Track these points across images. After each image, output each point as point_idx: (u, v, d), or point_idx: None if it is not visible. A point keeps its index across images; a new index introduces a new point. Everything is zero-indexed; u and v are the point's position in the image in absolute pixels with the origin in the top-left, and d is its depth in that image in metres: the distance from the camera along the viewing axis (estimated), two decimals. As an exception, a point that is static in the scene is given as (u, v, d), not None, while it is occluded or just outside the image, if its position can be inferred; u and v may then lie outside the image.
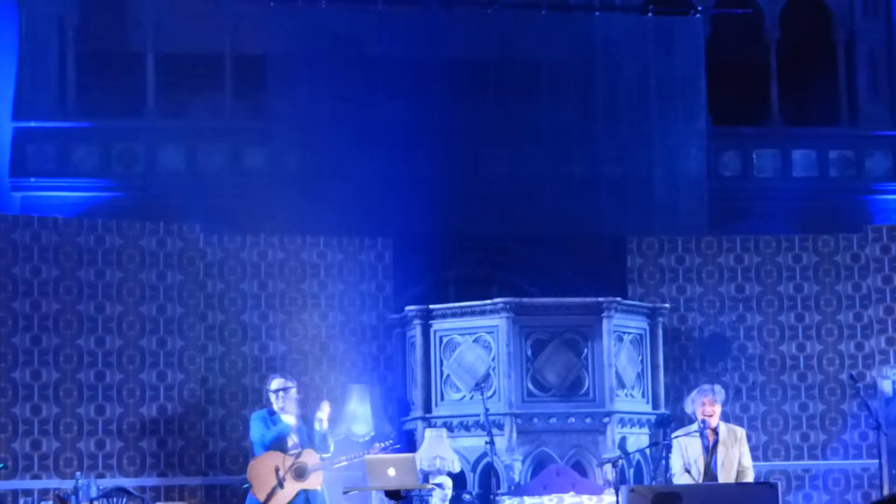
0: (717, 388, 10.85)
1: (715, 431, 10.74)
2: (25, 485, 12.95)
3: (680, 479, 10.79)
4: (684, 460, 10.71)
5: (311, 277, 14.23)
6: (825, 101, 17.14)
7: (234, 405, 13.56)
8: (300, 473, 11.09)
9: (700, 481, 10.65)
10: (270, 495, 11.04)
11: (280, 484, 11.06)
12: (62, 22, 16.10)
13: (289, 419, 11.38)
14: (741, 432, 10.83)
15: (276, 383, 11.56)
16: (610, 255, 15.11)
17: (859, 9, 17.25)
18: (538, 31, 16.18)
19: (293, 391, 11.51)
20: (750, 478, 10.77)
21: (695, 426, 10.74)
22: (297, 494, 11.11)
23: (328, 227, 14.63)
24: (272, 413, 11.45)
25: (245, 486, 11.36)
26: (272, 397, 11.53)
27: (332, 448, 11.43)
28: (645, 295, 14.55)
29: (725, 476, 10.58)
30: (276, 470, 11.07)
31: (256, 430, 11.43)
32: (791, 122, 17.13)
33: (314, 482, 11.16)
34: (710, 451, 10.68)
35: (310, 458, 11.17)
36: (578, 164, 16.39)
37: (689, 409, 10.81)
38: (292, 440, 11.30)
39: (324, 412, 11.41)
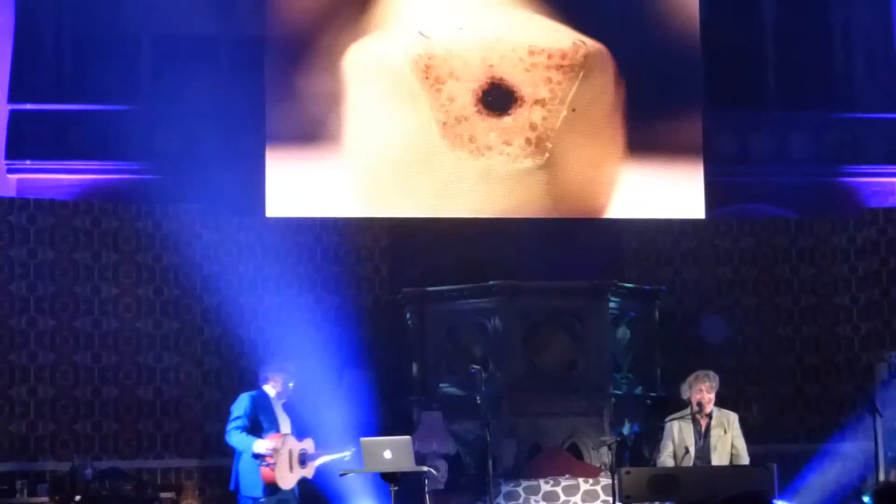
0: (712, 373, 10.83)
1: (708, 416, 10.73)
2: (22, 467, 12.95)
3: (664, 464, 10.76)
4: (674, 445, 10.69)
5: (307, 260, 14.23)
6: (822, 83, 17.10)
7: (231, 387, 13.50)
8: (302, 461, 10.78)
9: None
10: (281, 477, 10.62)
11: (290, 468, 10.71)
12: (57, 4, 16.06)
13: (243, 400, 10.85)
14: (734, 416, 10.81)
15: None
16: (607, 238, 15.10)
17: (856, -9, 17.22)
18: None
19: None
20: (744, 461, 10.76)
21: (687, 411, 10.72)
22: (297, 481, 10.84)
23: (324, 209, 14.62)
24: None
25: (262, 463, 10.61)
26: (279, 378, 10.95)
27: None
28: (641, 277, 14.55)
29: (718, 459, 10.57)
30: (290, 453, 10.71)
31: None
32: (788, 104, 17.08)
33: (311, 471, 10.90)
34: (704, 435, 10.67)
35: (310, 445, 10.89)
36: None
37: (685, 394, 10.76)
38: (287, 425, 10.91)
39: None
